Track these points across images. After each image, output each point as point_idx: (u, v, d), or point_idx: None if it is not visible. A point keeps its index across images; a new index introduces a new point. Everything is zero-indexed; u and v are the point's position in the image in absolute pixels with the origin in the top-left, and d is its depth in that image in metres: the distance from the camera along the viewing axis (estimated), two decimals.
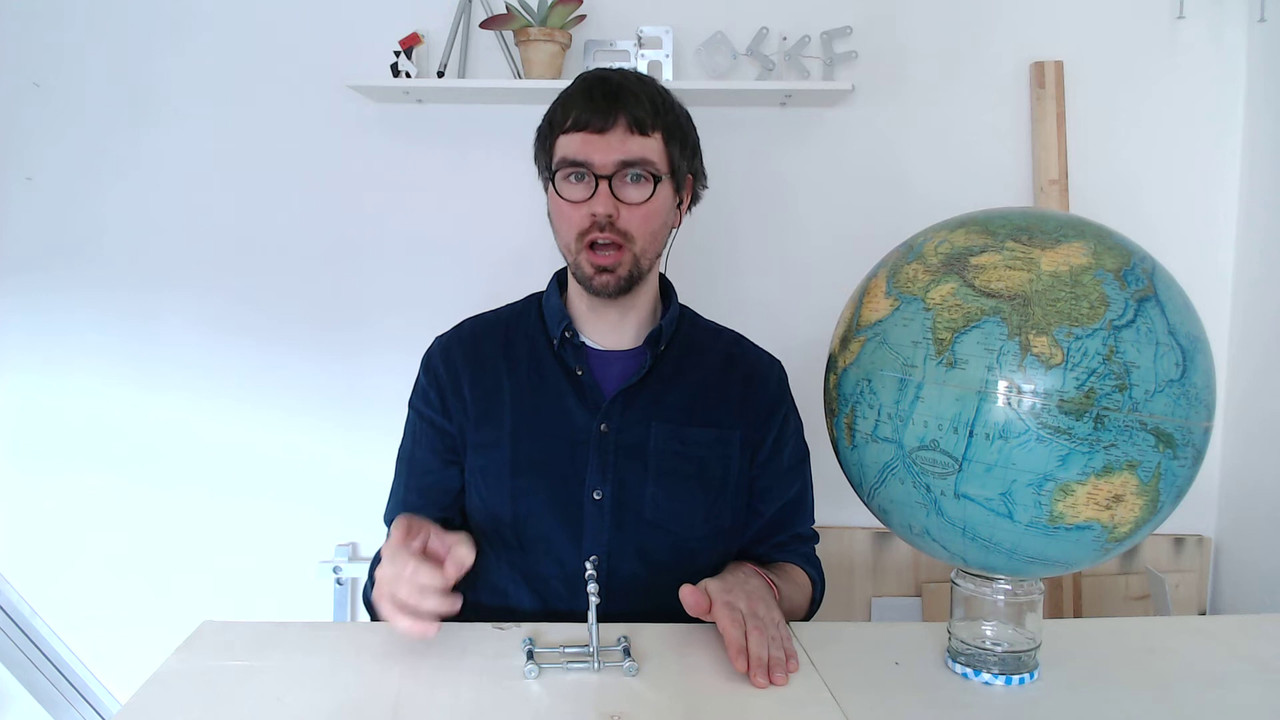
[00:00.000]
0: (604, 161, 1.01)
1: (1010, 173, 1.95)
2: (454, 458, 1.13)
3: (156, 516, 2.01)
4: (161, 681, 0.84)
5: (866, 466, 0.84)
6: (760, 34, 1.86)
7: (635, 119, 1.02)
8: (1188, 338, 0.76)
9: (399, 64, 1.81)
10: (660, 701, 0.81)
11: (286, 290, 1.97)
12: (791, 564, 1.17)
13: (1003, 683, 0.85)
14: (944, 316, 0.76)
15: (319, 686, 0.83)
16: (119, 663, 2.04)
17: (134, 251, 1.95)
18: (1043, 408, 0.72)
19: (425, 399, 1.15)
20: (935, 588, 1.98)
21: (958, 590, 0.89)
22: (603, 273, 1.04)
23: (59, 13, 1.90)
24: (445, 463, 1.14)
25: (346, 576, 2.01)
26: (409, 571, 0.84)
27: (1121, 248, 0.78)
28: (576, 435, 1.08)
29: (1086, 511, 0.74)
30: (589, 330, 1.13)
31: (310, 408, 2.00)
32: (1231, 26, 1.92)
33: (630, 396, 1.10)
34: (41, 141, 1.93)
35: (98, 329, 1.97)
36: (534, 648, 0.88)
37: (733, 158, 1.93)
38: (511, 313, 1.19)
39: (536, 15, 1.79)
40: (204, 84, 1.91)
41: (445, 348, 1.16)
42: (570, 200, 1.04)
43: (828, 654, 0.91)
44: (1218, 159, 1.95)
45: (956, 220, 0.85)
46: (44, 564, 2.02)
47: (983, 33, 1.92)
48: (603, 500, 1.07)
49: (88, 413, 1.99)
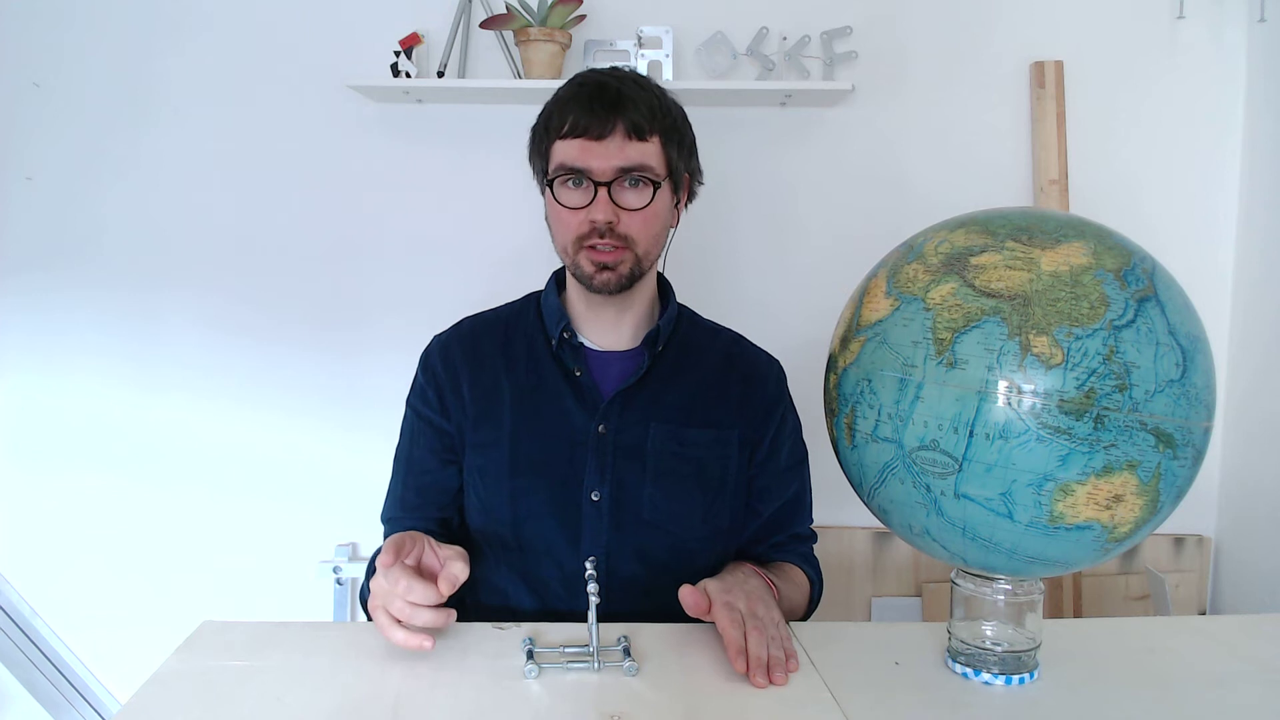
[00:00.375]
0: (603, 168, 1.01)
1: (1010, 173, 1.95)
2: (452, 457, 1.13)
3: (156, 516, 2.01)
4: (161, 681, 0.84)
5: (866, 466, 0.84)
6: (760, 34, 1.86)
7: (634, 125, 1.01)
8: (1188, 338, 0.76)
9: (399, 64, 1.81)
10: (660, 701, 0.81)
11: (286, 290, 1.97)
12: (790, 564, 1.17)
13: (1003, 683, 0.85)
14: (944, 316, 0.76)
15: (319, 686, 0.83)
16: (119, 663, 2.04)
17: (134, 251, 1.95)
18: (1043, 408, 0.72)
19: (423, 398, 1.14)
20: (935, 588, 1.98)
21: (958, 590, 0.89)
22: (604, 270, 1.03)
23: (59, 13, 1.90)
24: (443, 462, 1.13)
25: (346, 576, 2.01)
26: (401, 588, 0.84)
27: (1121, 248, 0.78)
28: (575, 436, 1.08)
29: (1086, 511, 0.74)
30: (587, 330, 1.13)
31: (310, 408, 2.00)
32: (1231, 26, 1.92)
33: (629, 397, 1.10)
34: (41, 141, 1.92)
35: (98, 329, 1.97)
36: (534, 648, 0.88)
37: (733, 158, 1.93)
38: (510, 312, 1.19)
39: (536, 15, 1.79)
40: (204, 84, 1.91)
41: (444, 346, 1.16)
42: (569, 207, 1.03)
43: (828, 654, 0.91)
44: (1218, 159, 1.95)
45: (956, 220, 0.85)
46: (44, 564, 2.02)
47: (983, 33, 1.92)
48: (601, 501, 1.07)
49: (88, 413, 1.99)
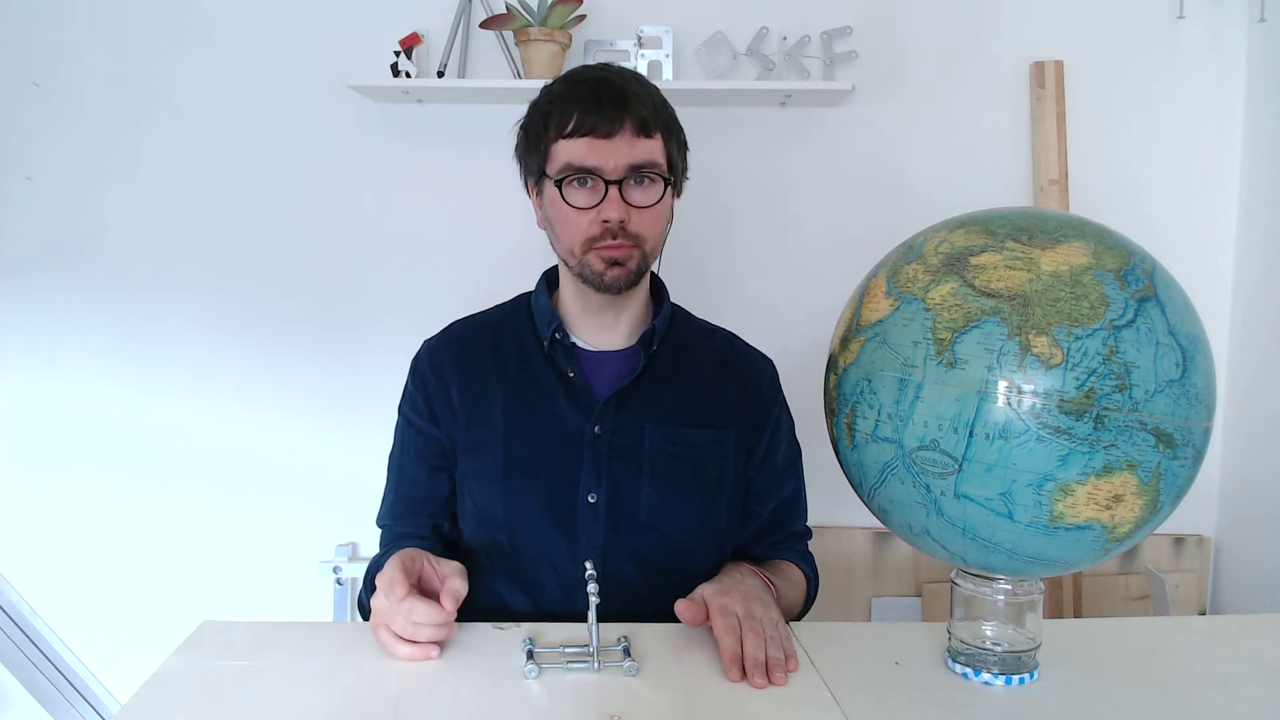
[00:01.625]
0: (613, 166, 0.99)
1: (1010, 173, 1.95)
2: (442, 464, 1.13)
3: (156, 516, 2.01)
4: (161, 681, 0.84)
5: (866, 466, 0.84)
6: (760, 34, 1.86)
7: (641, 121, 1.00)
8: (1188, 338, 0.76)
9: (399, 64, 1.81)
10: (660, 701, 0.81)
11: (286, 290, 1.97)
12: (787, 561, 1.17)
13: (1003, 683, 0.85)
14: (944, 316, 0.76)
15: (319, 686, 0.83)
16: (119, 663, 2.04)
17: (134, 251, 1.95)
18: (1043, 408, 0.72)
19: (413, 405, 1.14)
20: (935, 588, 1.98)
21: (958, 590, 0.89)
22: (614, 266, 1.02)
23: (59, 13, 1.90)
24: (433, 470, 1.13)
25: (346, 576, 2.01)
26: (404, 609, 0.85)
27: (1121, 248, 0.78)
28: (570, 438, 1.07)
29: (1086, 511, 0.74)
30: (580, 331, 1.12)
31: (310, 408, 2.00)
32: (1231, 26, 1.92)
33: (624, 398, 1.09)
34: (41, 141, 1.92)
35: (98, 329, 1.97)
36: (534, 648, 0.88)
37: (732, 158, 1.92)
38: (499, 314, 1.18)
39: (536, 15, 1.78)
40: (204, 84, 1.91)
41: (432, 352, 1.15)
42: (578, 207, 1.02)
43: (828, 654, 0.91)
44: (1218, 159, 1.95)
45: (956, 220, 0.85)
46: (44, 564, 2.02)
47: (983, 33, 1.92)
48: (597, 503, 1.06)
49: (88, 413, 1.99)
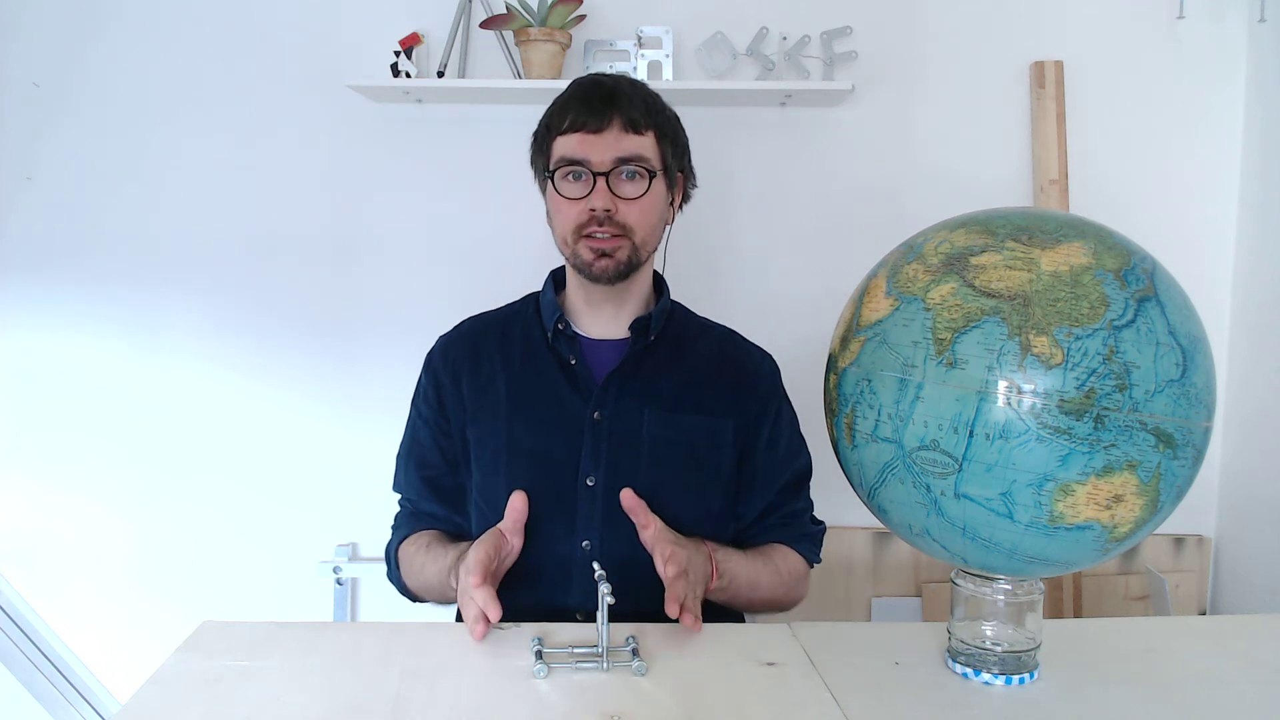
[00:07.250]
0: (601, 159, 1.06)
1: (1010, 173, 1.95)
2: (452, 456, 1.17)
3: (157, 517, 2.01)
4: (161, 681, 0.84)
5: (866, 466, 0.84)
6: (760, 34, 1.86)
7: (630, 118, 1.07)
8: (1188, 338, 0.76)
9: (399, 64, 1.81)
10: (668, 701, 0.81)
11: (287, 290, 1.97)
12: (779, 544, 1.19)
13: (1003, 683, 0.85)
14: (944, 316, 0.76)
15: (319, 686, 0.83)
16: (119, 663, 2.04)
17: (134, 251, 1.95)
18: (1043, 408, 0.72)
19: (425, 398, 1.20)
20: (935, 588, 1.98)
21: (958, 590, 0.89)
22: (602, 257, 1.08)
23: (59, 13, 1.90)
24: (445, 460, 1.18)
25: (346, 576, 2.01)
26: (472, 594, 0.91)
27: (1121, 248, 0.78)
28: (570, 423, 1.11)
29: (1086, 511, 0.74)
30: (583, 323, 1.17)
31: (310, 408, 2.00)
32: (1231, 26, 1.92)
33: (623, 384, 1.13)
34: (41, 141, 1.92)
35: (98, 329, 1.97)
36: (543, 648, 0.89)
37: (733, 158, 1.93)
38: (510, 311, 1.24)
39: (536, 15, 1.78)
40: (204, 84, 1.91)
41: (445, 347, 1.21)
42: (568, 197, 1.08)
43: (828, 654, 0.92)
44: (1218, 159, 1.95)
45: (956, 220, 0.85)
46: (44, 564, 2.02)
47: (983, 33, 1.92)
48: (595, 486, 1.10)
49: (88, 413, 1.99)
